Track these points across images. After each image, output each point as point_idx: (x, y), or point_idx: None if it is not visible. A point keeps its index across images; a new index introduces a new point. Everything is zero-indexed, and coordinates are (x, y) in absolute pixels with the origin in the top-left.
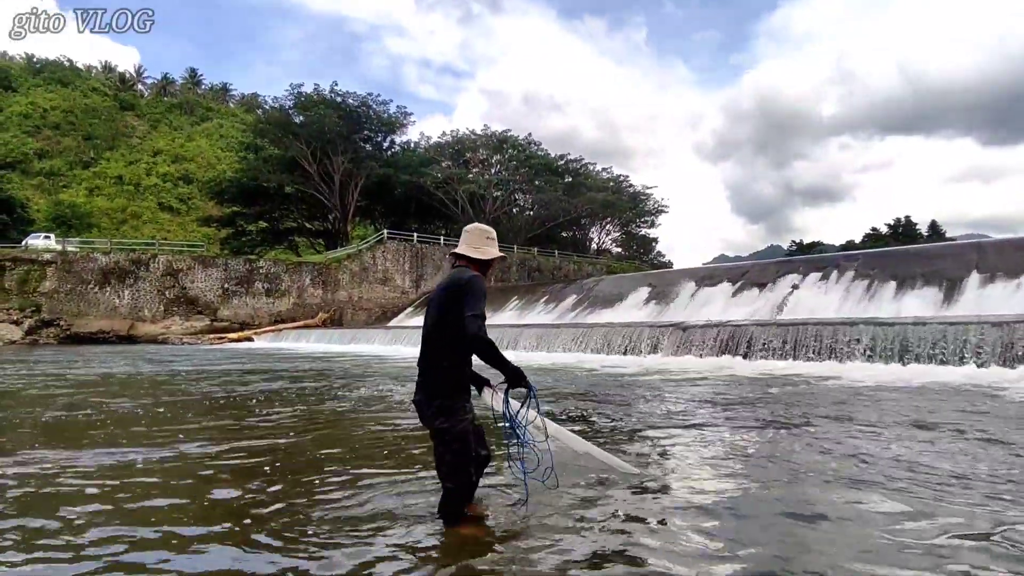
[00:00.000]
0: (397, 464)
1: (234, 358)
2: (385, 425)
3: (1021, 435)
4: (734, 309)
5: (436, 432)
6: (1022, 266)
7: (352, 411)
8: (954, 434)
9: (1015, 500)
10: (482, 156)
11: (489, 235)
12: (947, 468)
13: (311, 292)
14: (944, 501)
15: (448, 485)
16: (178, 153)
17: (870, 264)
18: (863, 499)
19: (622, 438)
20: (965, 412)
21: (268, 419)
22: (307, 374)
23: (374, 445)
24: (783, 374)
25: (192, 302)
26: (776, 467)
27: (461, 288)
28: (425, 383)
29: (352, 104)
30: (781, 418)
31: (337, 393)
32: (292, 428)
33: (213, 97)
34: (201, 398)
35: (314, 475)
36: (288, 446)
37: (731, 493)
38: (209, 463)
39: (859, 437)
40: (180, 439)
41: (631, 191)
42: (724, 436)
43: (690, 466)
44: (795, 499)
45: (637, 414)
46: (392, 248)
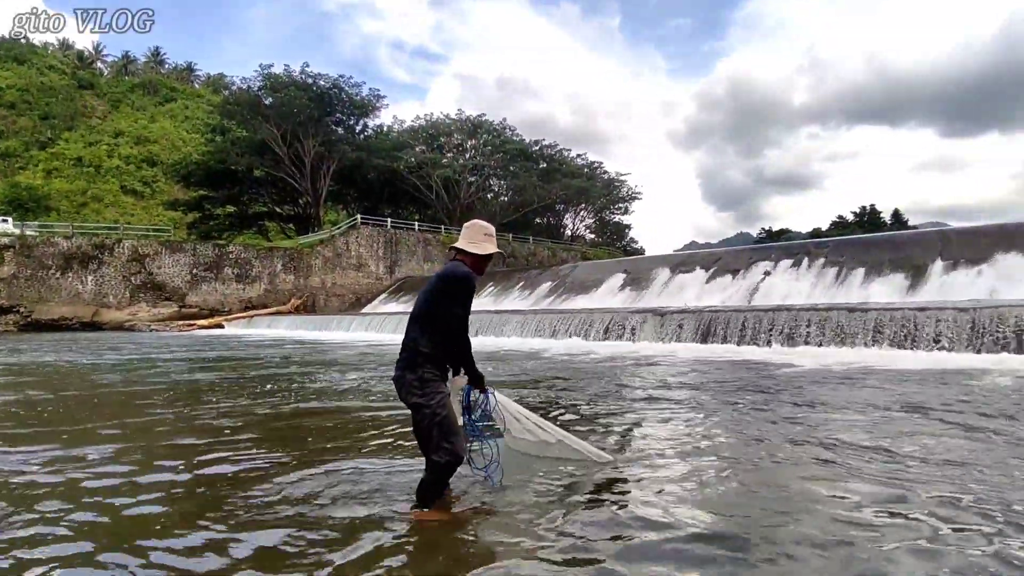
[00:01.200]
0: (372, 450)
1: (204, 345)
2: (365, 412)
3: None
4: (708, 295)
5: (413, 407)
6: (982, 254)
7: (327, 396)
8: (930, 417)
9: (970, 470)
10: (456, 141)
11: (488, 231)
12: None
13: (283, 278)
14: (915, 481)
15: (435, 458)
16: (141, 134)
17: (839, 251)
18: (835, 482)
19: (594, 424)
20: (942, 396)
21: (230, 411)
22: (283, 361)
23: (351, 430)
24: (762, 359)
25: (159, 288)
26: (752, 449)
27: (455, 285)
28: (403, 360)
29: (324, 86)
30: (759, 402)
31: (316, 379)
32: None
33: (177, 77)
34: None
35: (287, 459)
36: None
37: (693, 476)
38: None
39: (833, 419)
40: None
41: (605, 177)
42: (695, 418)
43: (660, 453)
44: (770, 484)
45: (611, 399)
46: (366, 233)
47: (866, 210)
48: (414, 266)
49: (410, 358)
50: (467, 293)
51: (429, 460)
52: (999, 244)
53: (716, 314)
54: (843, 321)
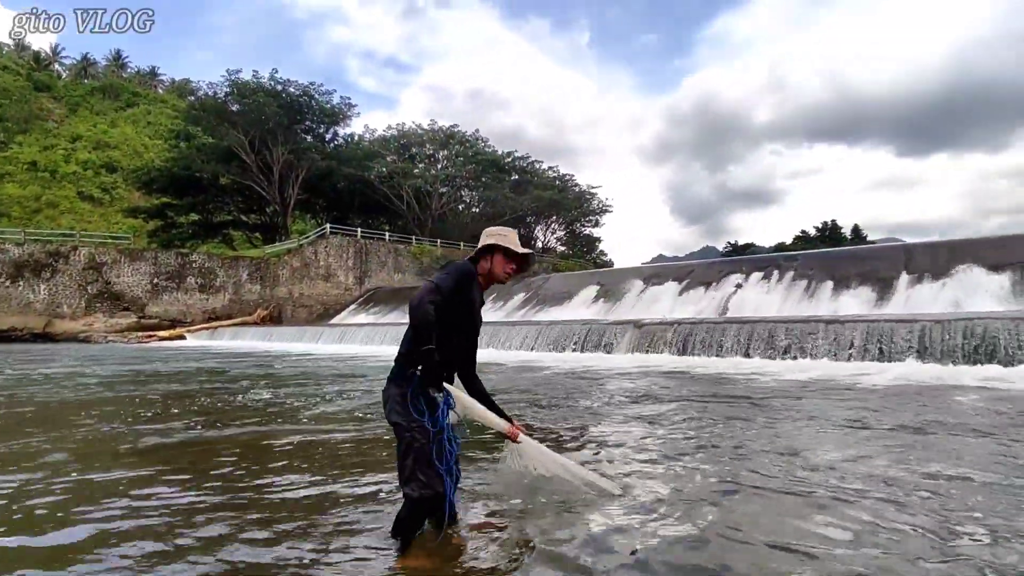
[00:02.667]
0: (356, 475)
1: (148, 357)
2: (343, 433)
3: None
4: (681, 307)
5: (394, 427)
6: (945, 268)
7: (247, 417)
8: (904, 428)
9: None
10: (428, 151)
11: (491, 230)
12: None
13: (248, 288)
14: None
15: (407, 491)
16: (100, 139)
17: (808, 265)
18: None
19: (594, 448)
20: (924, 407)
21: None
22: (246, 375)
23: (326, 453)
24: (745, 371)
25: (117, 298)
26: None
27: (441, 270)
28: (393, 371)
29: (293, 93)
30: (746, 415)
31: (242, 397)
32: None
33: (140, 81)
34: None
35: (243, 487)
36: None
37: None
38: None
39: (803, 430)
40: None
41: (576, 190)
42: (678, 435)
43: (660, 481)
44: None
45: (599, 415)
46: (335, 243)
47: (828, 225)
48: (384, 277)
49: (399, 370)
50: (453, 273)
51: (403, 494)
52: (960, 258)
53: (695, 326)
54: (820, 333)
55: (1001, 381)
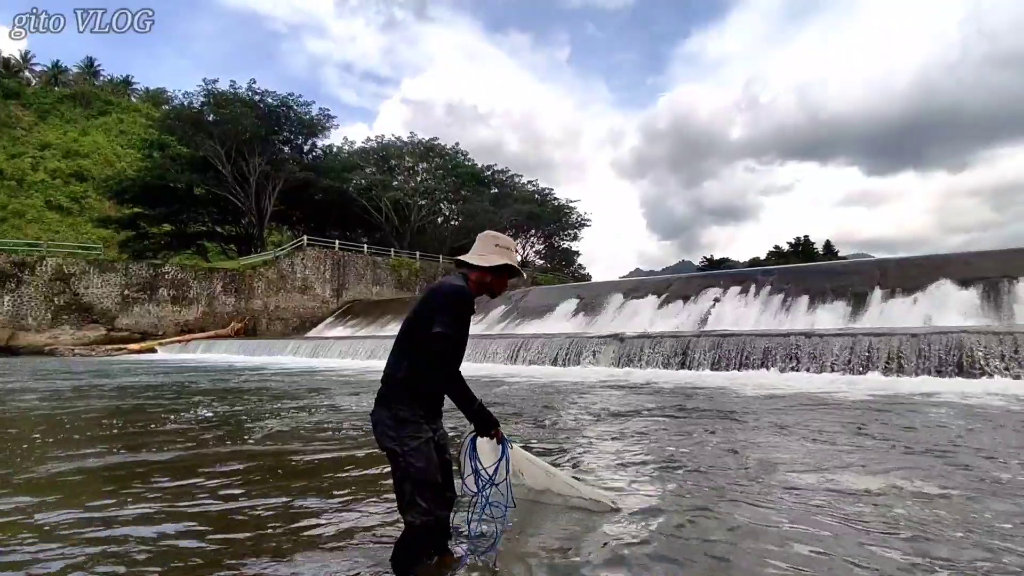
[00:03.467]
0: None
1: (106, 371)
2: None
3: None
4: (661, 321)
5: (388, 453)
6: (917, 283)
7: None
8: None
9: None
10: (408, 164)
11: (500, 243)
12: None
13: (223, 300)
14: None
15: (408, 519)
16: (70, 148)
17: (785, 279)
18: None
19: (577, 461)
20: (900, 417)
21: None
22: (202, 389)
23: (308, 472)
24: (723, 384)
25: (86, 309)
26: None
27: (441, 298)
28: (380, 395)
29: (271, 103)
30: (727, 428)
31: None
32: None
33: (113, 90)
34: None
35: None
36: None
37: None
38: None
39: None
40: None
41: (555, 204)
42: (666, 448)
43: (656, 491)
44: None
45: (580, 429)
46: (312, 255)
47: (800, 240)
48: (362, 289)
49: (387, 391)
50: (455, 309)
51: (404, 521)
52: (932, 274)
53: (675, 339)
54: (799, 346)
55: (973, 394)
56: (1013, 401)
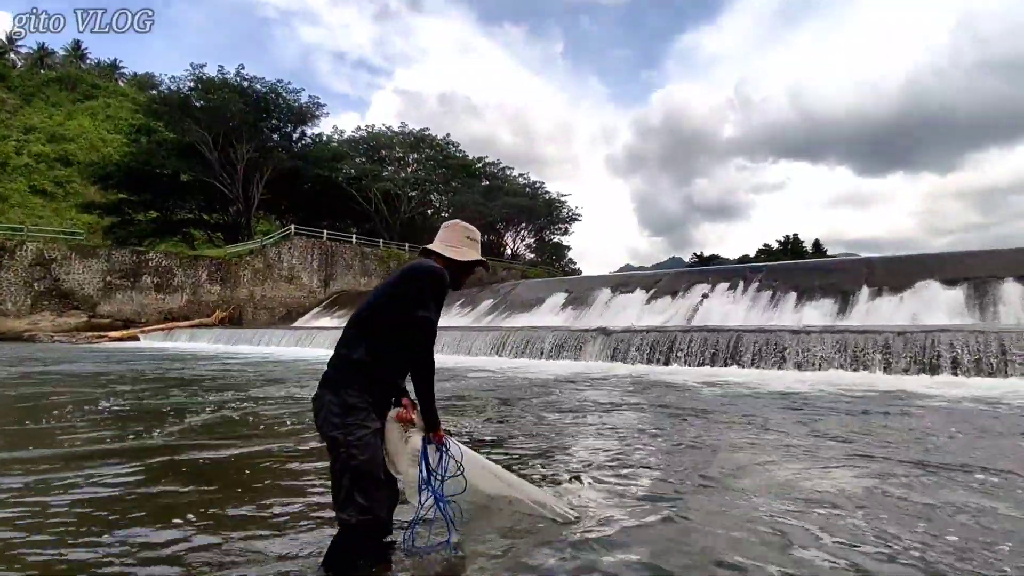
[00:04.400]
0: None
1: (80, 359)
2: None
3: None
4: (649, 316)
5: (329, 442)
6: (904, 282)
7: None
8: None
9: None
10: (398, 154)
11: (471, 235)
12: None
13: (208, 288)
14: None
15: (344, 516)
16: (55, 132)
17: (773, 276)
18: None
19: (552, 462)
20: (887, 410)
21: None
22: (164, 378)
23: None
24: (711, 379)
25: (67, 296)
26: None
27: (424, 278)
28: (327, 376)
29: (260, 90)
30: (710, 424)
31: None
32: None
33: (100, 74)
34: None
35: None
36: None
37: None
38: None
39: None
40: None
41: (546, 198)
42: (651, 445)
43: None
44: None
45: (560, 424)
46: (299, 244)
47: (790, 239)
48: (350, 280)
49: (335, 374)
50: (438, 291)
51: (338, 519)
52: (919, 273)
53: (662, 334)
54: (786, 343)
55: (956, 387)
56: (993, 401)
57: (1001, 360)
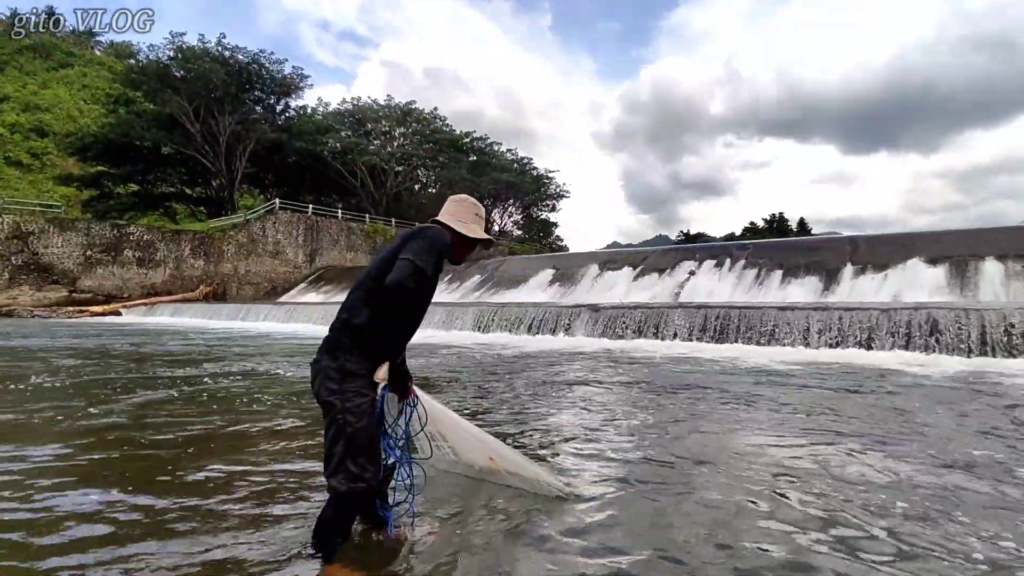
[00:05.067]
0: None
1: (52, 334)
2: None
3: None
4: (636, 292)
5: (324, 407)
6: (887, 260)
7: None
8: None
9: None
10: (384, 128)
11: (479, 212)
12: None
13: (191, 263)
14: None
15: (334, 483)
16: (30, 101)
17: (759, 254)
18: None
19: (539, 436)
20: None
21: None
22: (136, 353)
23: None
24: (697, 355)
25: (46, 270)
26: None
27: (421, 236)
28: (327, 341)
29: (242, 60)
30: (695, 400)
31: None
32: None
33: (76, 42)
34: None
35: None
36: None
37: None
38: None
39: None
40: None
41: (534, 174)
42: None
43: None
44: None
45: (548, 400)
46: (284, 219)
47: (776, 217)
48: (336, 255)
49: (336, 338)
50: (438, 250)
51: (328, 487)
52: (902, 252)
53: (650, 310)
54: (771, 320)
55: (933, 366)
56: (971, 378)
57: (982, 338)
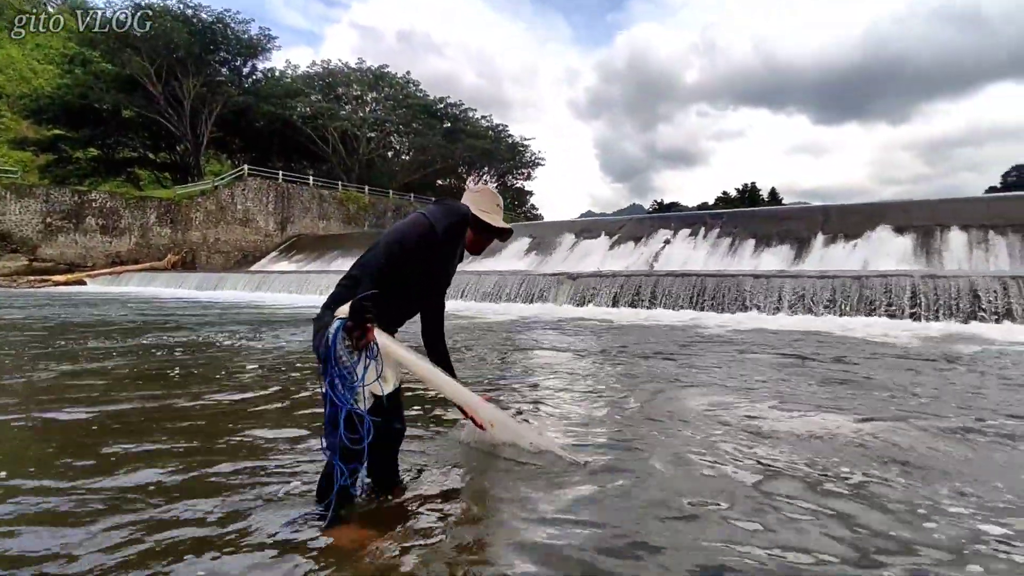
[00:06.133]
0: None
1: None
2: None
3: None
4: (612, 261)
5: (324, 362)
6: (857, 230)
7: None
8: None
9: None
10: (356, 92)
11: (498, 202)
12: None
13: (157, 231)
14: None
15: (332, 441)
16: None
17: (733, 223)
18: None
19: (532, 406)
20: (818, 349)
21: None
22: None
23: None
24: (674, 322)
25: (4, 238)
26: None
27: (434, 202)
28: (335, 297)
29: (206, 19)
30: (678, 365)
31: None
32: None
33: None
34: None
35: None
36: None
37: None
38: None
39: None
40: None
41: (510, 141)
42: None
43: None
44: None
45: (531, 368)
46: (253, 186)
47: (747, 187)
48: (308, 223)
49: (339, 293)
50: (456, 223)
51: (328, 445)
52: (871, 221)
53: (627, 279)
54: (745, 287)
55: (904, 331)
56: (935, 341)
57: (947, 304)
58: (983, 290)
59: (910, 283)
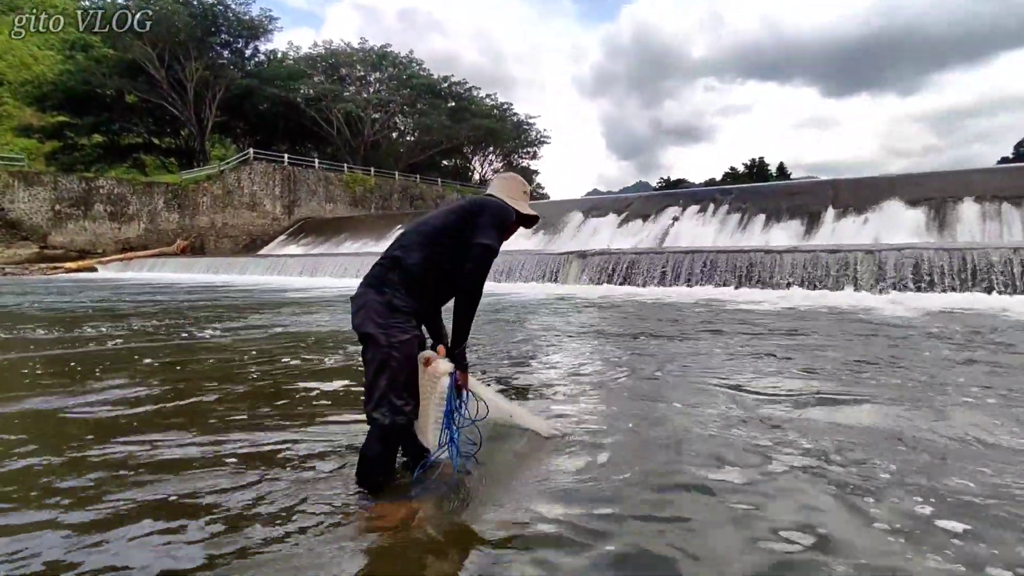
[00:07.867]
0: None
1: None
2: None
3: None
4: (620, 239)
5: (364, 339)
6: (867, 203)
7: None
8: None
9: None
10: (359, 73)
11: (525, 188)
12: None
13: (165, 217)
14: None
15: (375, 416)
16: None
17: (742, 199)
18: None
19: (538, 384)
20: (835, 326)
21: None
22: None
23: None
24: (685, 299)
25: (13, 226)
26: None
27: (491, 209)
28: (373, 276)
29: (206, 1)
30: (684, 343)
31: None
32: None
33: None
34: None
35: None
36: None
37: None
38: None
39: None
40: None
41: (515, 120)
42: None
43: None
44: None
45: (539, 347)
46: (259, 169)
47: (756, 162)
48: (315, 206)
49: (383, 274)
50: (505, 227)
51: (370, 420)
52: (881, 194)
53: (637, 256)
54: (756, 262)
55: (917, 305)
56: (948, 314)
57: (960, 276)
58: (999, 262)
59: (926, 256)
